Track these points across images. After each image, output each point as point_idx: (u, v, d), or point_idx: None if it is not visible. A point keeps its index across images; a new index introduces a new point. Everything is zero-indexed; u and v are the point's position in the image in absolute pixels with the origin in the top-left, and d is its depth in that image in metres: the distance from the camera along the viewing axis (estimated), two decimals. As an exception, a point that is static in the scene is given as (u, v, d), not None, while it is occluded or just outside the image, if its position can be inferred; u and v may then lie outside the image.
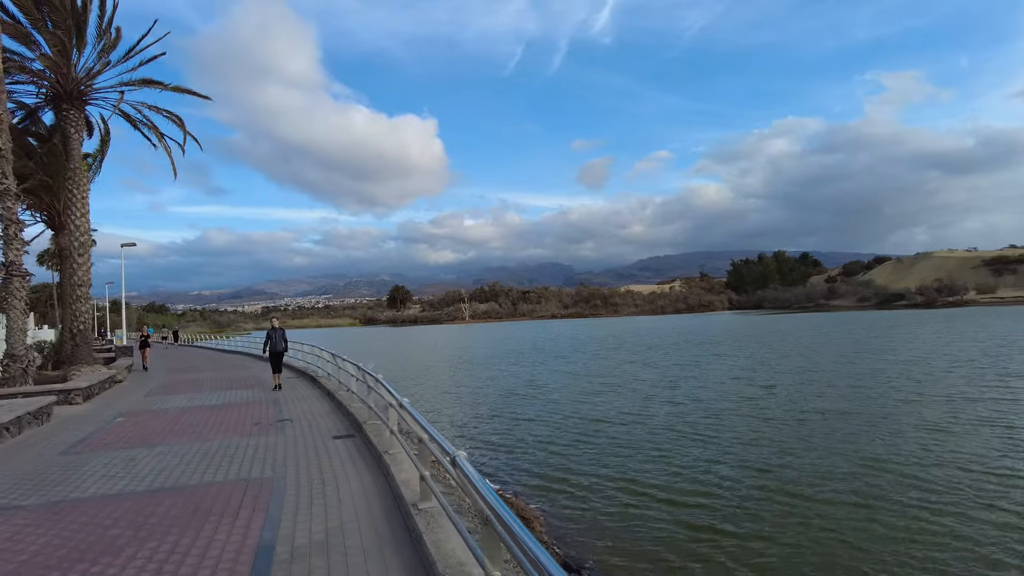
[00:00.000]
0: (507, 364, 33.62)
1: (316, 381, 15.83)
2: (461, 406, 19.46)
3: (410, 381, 27.19)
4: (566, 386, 22.69)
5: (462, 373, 29.78)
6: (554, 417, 16.57)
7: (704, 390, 20.36)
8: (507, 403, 19.41)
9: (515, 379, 25.89)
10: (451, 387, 24.53)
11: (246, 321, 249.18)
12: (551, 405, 18.57)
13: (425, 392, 23.35)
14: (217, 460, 7.45)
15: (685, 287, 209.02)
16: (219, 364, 24.98)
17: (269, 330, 14.69)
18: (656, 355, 35.02)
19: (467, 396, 21.57)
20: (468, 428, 15.92)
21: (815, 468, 10.86)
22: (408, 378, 28.84)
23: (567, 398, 19.81)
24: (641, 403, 18.17)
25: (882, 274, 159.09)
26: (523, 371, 29.47)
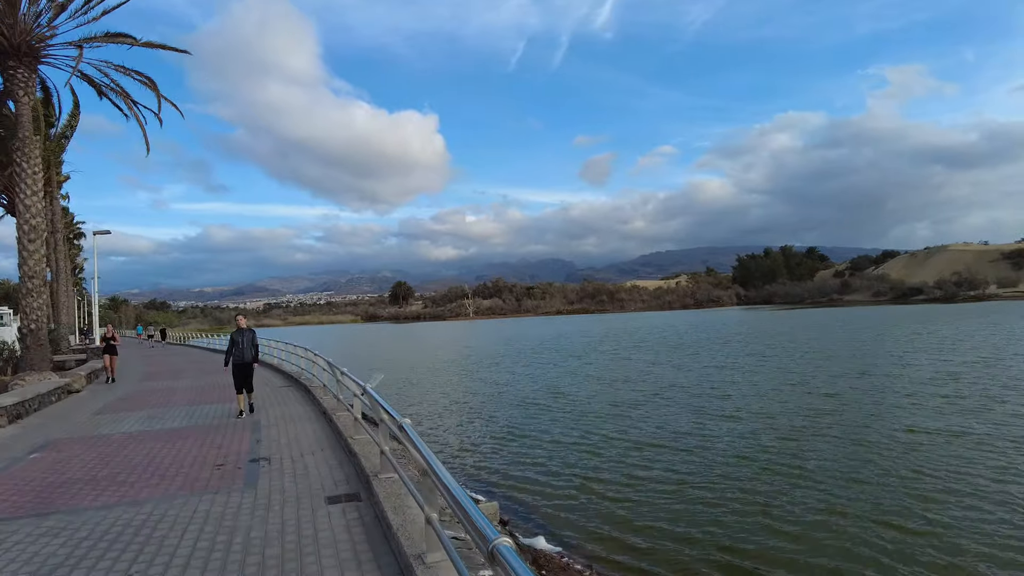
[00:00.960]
0: (521, 366, 30.64)
1: (310, 393, 12.87)
2: (475, 423, 16.43)
3: (415, 389, 24.23)
4: (595, 395, 19.69)
5: (473, 378, 26.78)
6: (591, 439, 13.50)
7: (762, 401, 17.36)
8: (530, 418, 16.40)
9: (533, 385, 22.90)
10: (462, 396, 21.54)
11: (247, 318, 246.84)
12: (583, 421, 15.49)
13: (434, 404, 20.38)
14: (129, 556, 4.46)
15: (691, 282, 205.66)
16: (204, 367, 22.05)
17: (233, 333, 10.83)
18: (684, 356, 32.01)
19: (481, 409, 18.56)
20: (488, 456, 12.92)
21: (988, 526, 7.86)
22: (413, 383, 25.91)
23: (600, 411, 16.77)
24: (693, 418, 15.14)
25: (895, 268, 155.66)
26: (540, 374, 26.49)
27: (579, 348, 41.01)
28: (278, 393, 13.85)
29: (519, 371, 27.98)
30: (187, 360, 26.26)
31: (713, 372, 24.37)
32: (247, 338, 10.67)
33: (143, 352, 35.11)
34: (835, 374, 22.04)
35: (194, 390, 14.87)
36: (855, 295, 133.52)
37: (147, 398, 13.78)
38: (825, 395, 17.66)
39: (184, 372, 20.18)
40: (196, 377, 18.28)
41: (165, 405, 12.44)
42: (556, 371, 27.27)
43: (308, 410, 11.16)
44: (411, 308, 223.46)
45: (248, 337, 10.69)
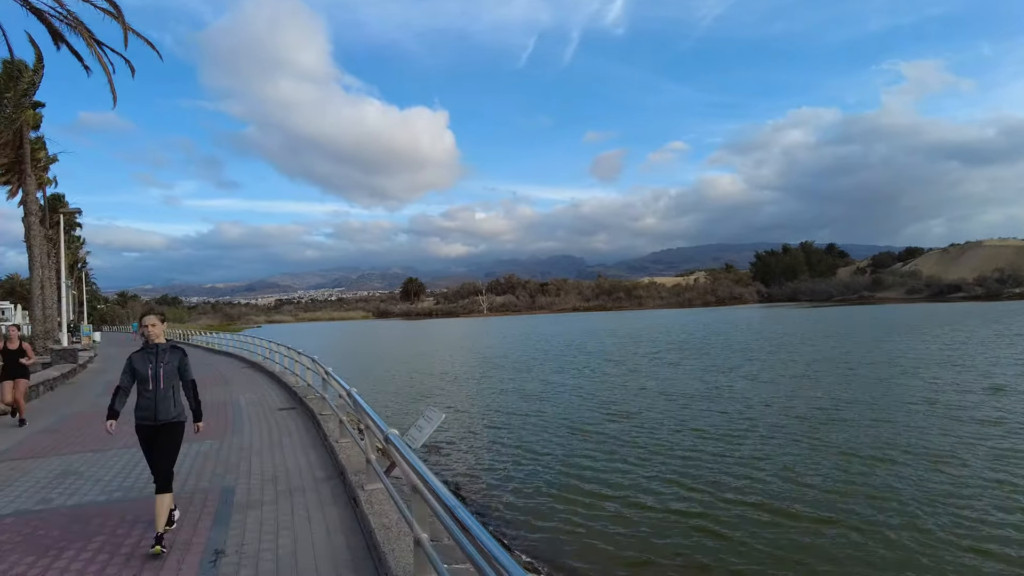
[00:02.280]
0: (555, 373, 26.35)
1: (319, 427, 8.74)
2: (523, 461, 12.15)
3: (441, 403, 20.10)
4: (665, 418, 15.29)
5: (504, 390, 22.49)
6: (690, 492, 9.14)
7: (912, 433, 12.91)
8: (593, 451, 12.04)
9: (581, 400, 18.54)
10: (497, 417, 17.32)
11: (258, 314, 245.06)
12: (664, 459, 11.03)
13: (469, 426, 16.21)
14: None
15: (710, 279, 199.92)
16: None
17: (134, 356, 5.03)
18: (751, 362, 27.58)
19: (527, 436, 14.23)
20: (544, 514, 8.66)
21: None
22: (435, 396, 21.75)
23: (683, 444, 12.23)
24: (837, 471, 10.55)
25: (927, 265, 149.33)
26: (586, 386, 22.17)
27: (613, 350, 36.69)
28: (274, 423, 9.73)
29: (557, 380, 23.71)
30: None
31: (804, 384, 19.98)
32: (166, 367, 4.85)
33: (130, 351, 31.30)
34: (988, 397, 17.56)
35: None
36: (888, 292, 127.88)
37: (84, 430, 9.74)
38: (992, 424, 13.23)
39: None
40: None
41: (101, 446, 8.34)
42: (601, 381, 22.96)
43: (317, 460, 7.00)
44: (423, 304, 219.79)
45: (169, 364, 4.88)
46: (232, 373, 18.11)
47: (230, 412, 10.87)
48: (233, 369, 19.55)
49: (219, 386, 14.81)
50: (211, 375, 17.89)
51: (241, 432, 8.99)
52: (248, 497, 5.79)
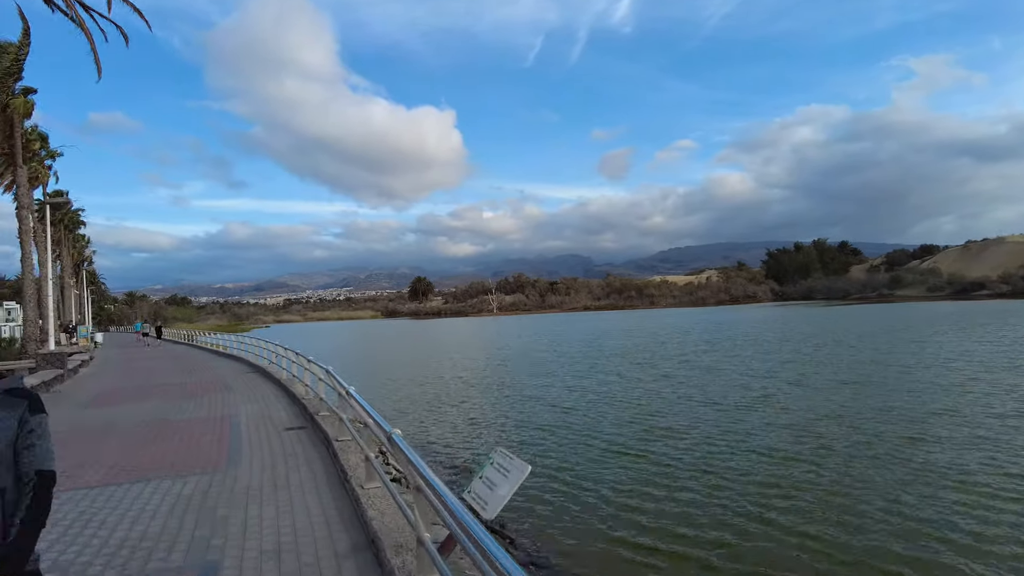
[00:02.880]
0: (580, 377, 24.30)
1: (333, 455, 6.87)
2: (566, 489, 10.20)
3: (464, 414, 18.23)
4: (721, 432, 13.22)
5: (530, 397, 20.53)
6: (799, 539, 7.19)
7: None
8: (645, 479, 10.05)
9: (615, 411, 16.49)
10: (527, 433, 15.37)
11: (266, 314, 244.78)
12: (738, 490, 8.97)
13: (497, 444, 14.31)
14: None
15: (722, 277, 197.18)
16: (190, 380, 16.22)
17: None
18: (791, 365, 25.50)
19: (567, 458, 12.28)
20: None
21: None
22: (456, 405, 19.87)
23: (761, 473, 10.13)
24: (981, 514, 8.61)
25: (946, 262, 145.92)
26: (613, 392, 20.16)
27: (635, 351, 34.68)
28: (280, 449, 7.85)
29: (585, 387, 21.70)
30: (175, 367, 20.58)
31: (868, 391, 17.91)
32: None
33: (129, 354, 29.63)
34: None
35: (144, 436, 8.96)
36: (908, 290, 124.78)
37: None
38: None
39: (156, 391, 14.33)
40: (165, 400, 12.42)
41: (67, 483, 6.47)
42: (633, 388, 20.94)
43: (337, 515, 5.10)
44: (431, 304, 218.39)
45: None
46: (235, 379, 16.29)
47: (227, 431, 9.02)
48: (236, 374, 17.73)
49: (219, 394, 12.98)
50: (212, 380, 16.09)
51: (238, 462, 7.12)
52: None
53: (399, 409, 17.79)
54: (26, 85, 24.86)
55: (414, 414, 17.04)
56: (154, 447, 7.97)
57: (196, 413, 10.75)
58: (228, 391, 13.62)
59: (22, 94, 24.45)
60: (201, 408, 11.30)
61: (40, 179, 35.90)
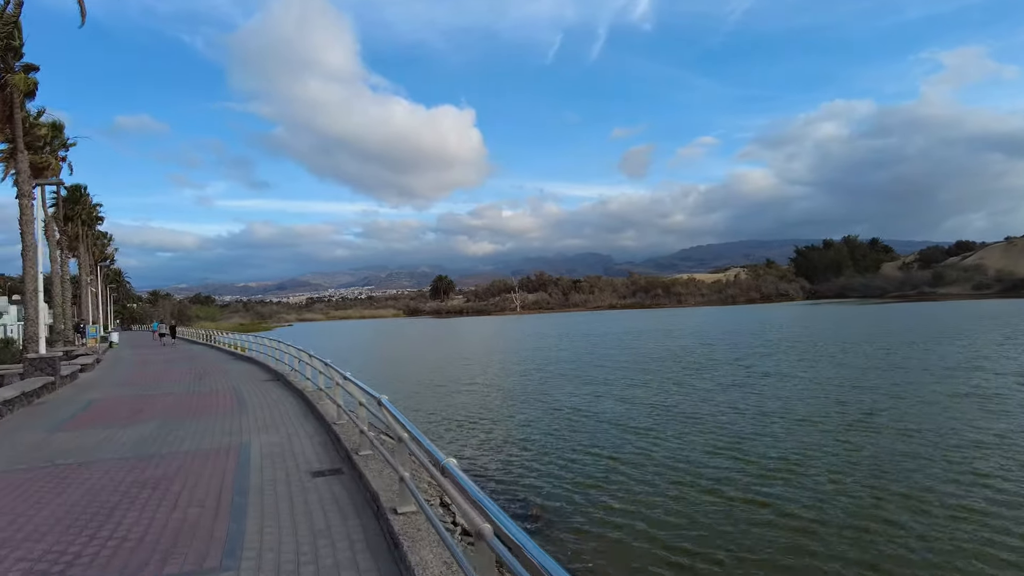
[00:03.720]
0: (632, 386, 21.37)
1: (387, 531, 4.17)
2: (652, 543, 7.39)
3: (512, 436, 15.55)
4: (839, 464, 10.36)
5: (581, 412, 17.74)
6: None
7: None
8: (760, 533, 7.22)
9: (686, 431, 13.66)
10: (587, 459, 12.55)
11: (289, 312, 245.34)
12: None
13: (551, 471, 11.57)
14: None
15: (751, 275, 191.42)
16: (200, 392, 13.72)
17: None
18: (880, 372, 22.30)
19: (642, 497, 9.50)
20: None
21: None
22: (497, 421, 17.18)
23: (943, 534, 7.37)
24: None
25: (991, 258, 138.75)
26: (677, 405, 17.28)
27: (683, 354, 31.65)
28: (303, 510, 5.14)
29: (641, 399, 18.82)
30: (186, 371, 18.15)
31: (993, 408, 14.74)
32: None
33: (142, 355, 27.43)
34: None
35: (112, 488, 6.35)
36: (951, 288, 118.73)
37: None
38: None
39: (156, 404, 11.84)
40: (163, 417, 9.87)
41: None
42: (699, 400, 18.01)
43: None
44: (453, 302, 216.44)
45: None
46: (251, 390, 13.76)
47: (230, 472, 6.40)
48: (254, 383, 15.22)
49: (228, 415, 10.40)
50: (223, 391, 13.57)
51: (241, 532, 4.48)
52: None
53: (459, 438, 15.12)
54: (27, 62, 22.84)
55: (472, 433, 14.34)
56: (120, 514, 5.32)
57: (195, 443, 8.15)
58: (240, 409, 11.04)
59: (22, 71, 22.38)
60: (203, 434, 8.70)
61: (52, 169, 34.05)
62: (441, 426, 15.39)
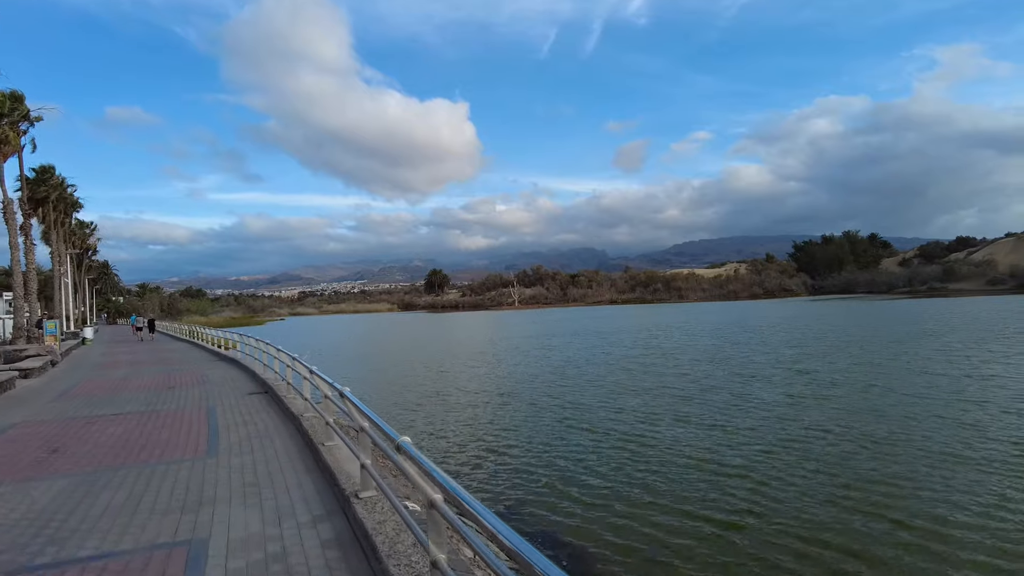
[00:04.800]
0: (686, 400, 18.10)
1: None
2: None
3: (556, 469, 12.12)
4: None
5: (633, 438, 14.39)
6: None
7: None
8: None
9: (789, 470, 10.40)
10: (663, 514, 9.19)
11: (281, 306, 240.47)
12: None
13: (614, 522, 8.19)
14: None
15: (751, 270, 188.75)
16: (130, 433, 10.23)
17: None
18: (974, 380, 19.09)
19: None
20: None
21: None
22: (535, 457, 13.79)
23: None
24: None
25: (1001, 253, 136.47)
26: (755, 428, 14.02)
27: (723, 354, 28.42)
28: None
29: (703, 419, 15.54)
30: (153, 377, 14.62)
31: None
32: None
33: (112, 355, 23.68)
34: None
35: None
36: (963, 284, 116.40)
37: None
38: None
39: (85, 442, 8.35)
40: (93, 469, 6.40)
41: None
42: (774, 422, 14.74)
43: None
44: (448, 297, 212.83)
45: None
46: (230, 412, 10.30)
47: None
48: (235, 397, 11.75)
49: (188, 462, 6.92)
50: (192, 412, 10.10)
51: None
52: None
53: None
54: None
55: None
56: None
57: (116, 534, 4.69)
58: (210, 448, 7.58)
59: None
60: (137, 508, 5.24)
61: (11, 145, 30.16)
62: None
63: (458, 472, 10.97)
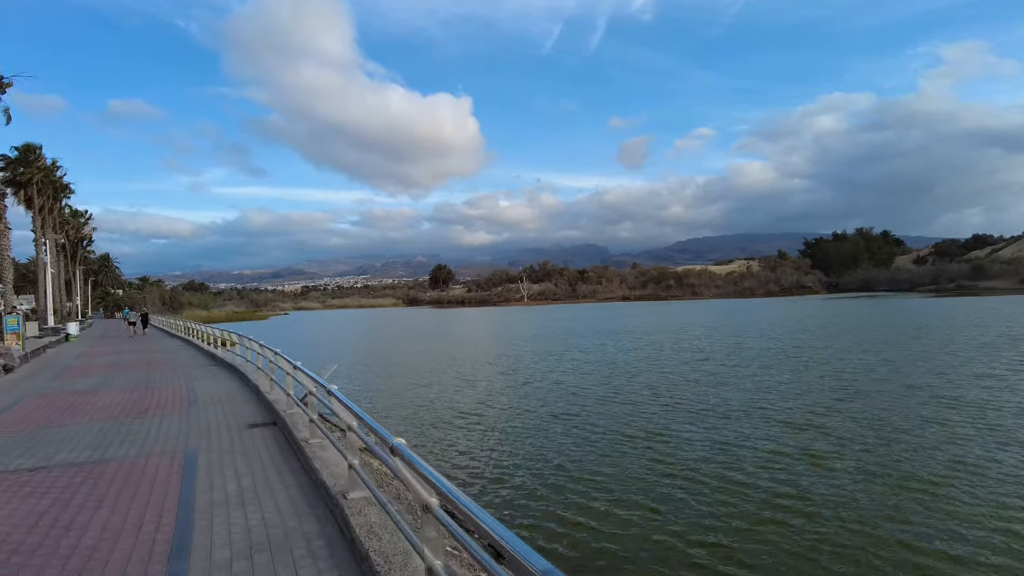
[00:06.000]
0: (811, 434, 14.37)
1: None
2: None
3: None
4: None
5: (758, 492, 10.51)
6: None
7: None
8: None
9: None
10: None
11: (285, 301, 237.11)
12: None
13: None
14: None
15: (764, 267, 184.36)
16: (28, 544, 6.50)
17: None
18: None
19: None
20: None
21: None
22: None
23: None
24: None
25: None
26: (927, 474, 10.16)
27: (779, 357, 24.66)
28: None
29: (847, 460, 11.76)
30: (128, 393, 10.89)
31: None
32: None
33: (91, 357, 19.84)
34: None
35: None
36: (995, 282, 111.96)
37: None
38: None
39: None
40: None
41: None
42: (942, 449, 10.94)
43: None
44: (454, 292, 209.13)
45: None
46: (218, 455, 6.64)
47: None
48: (231, 434, 8.03)
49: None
50: (154, 465, 6.35)
51: None
52: None
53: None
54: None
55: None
56: None
57: None
58: (177, 554, 3.85)
59: None
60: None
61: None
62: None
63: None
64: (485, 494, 9.28)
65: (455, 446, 12.31)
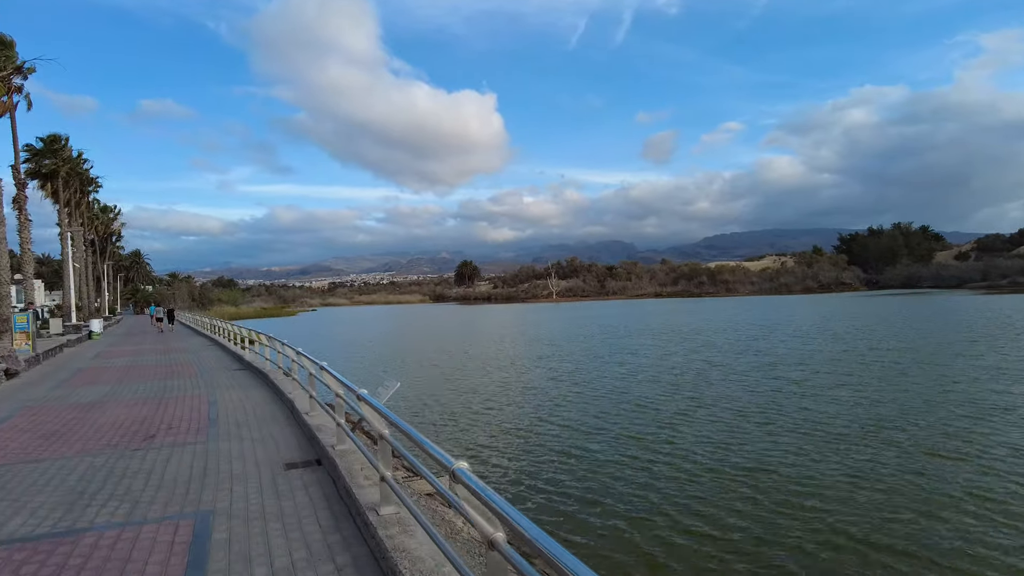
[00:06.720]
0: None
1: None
2: None
3: None
4: None
5: None
6: None
7: None
8: None
9: None
10: None
11: (312, 297, 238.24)
12: None
13: None
14: None
15: (800, 262, 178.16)
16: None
17: None
18: None
19: None
20: None
21: None
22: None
23: None
24: None
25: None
26: None
27: (884, 364, 21.75)
28: None
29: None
30: (135, 415, 8.86)
31: None
32: None
33: (110, 358, 18.04)
34: None
35: None
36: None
37: None
38: None
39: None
40: None
41: None
42: None
43: None
44: (480, 288, 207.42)
45: None
46: (241, 522, 4.34)
47: None
48: (259, 474, 5.86)
49: None
50: (146, 544, 4.13)
51: None
52: None
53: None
54: None
55: None
56: None
57: None
58: None
59: None
60: None
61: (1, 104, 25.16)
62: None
63: None
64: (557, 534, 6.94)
65: (523, 473, 9.98)
